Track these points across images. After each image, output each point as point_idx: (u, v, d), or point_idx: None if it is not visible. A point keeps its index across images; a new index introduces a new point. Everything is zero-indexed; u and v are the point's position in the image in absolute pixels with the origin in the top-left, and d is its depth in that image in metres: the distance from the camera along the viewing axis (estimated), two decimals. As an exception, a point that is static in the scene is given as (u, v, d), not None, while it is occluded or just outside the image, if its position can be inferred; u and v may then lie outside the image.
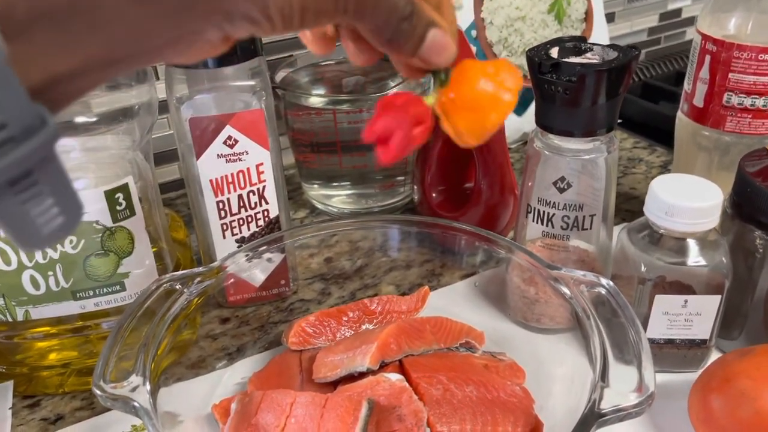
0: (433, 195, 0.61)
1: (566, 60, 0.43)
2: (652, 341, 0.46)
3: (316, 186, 0.71)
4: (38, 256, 0.42)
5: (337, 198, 0.70)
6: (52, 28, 0.18)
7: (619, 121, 0.84)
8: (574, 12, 0.77)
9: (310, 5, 0.23)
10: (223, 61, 0.46)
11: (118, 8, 0.19)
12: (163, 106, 0.50)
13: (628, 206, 0.68)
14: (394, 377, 0.38)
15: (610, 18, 0.95)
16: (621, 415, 0.34)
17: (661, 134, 0.79)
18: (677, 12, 1.04)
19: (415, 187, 0.64)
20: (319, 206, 0.71)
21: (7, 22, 0.17)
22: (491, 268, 0.54)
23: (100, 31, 0.19)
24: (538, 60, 0.43)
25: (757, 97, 0.51)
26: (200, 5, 0.20)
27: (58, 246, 0.42)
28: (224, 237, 0.52)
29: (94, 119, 0.45)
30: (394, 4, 0.25)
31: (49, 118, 0.18)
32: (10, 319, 0.44)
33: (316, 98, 0.65)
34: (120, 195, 0.43)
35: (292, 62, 0.70)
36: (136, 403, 0.35)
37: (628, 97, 0.88)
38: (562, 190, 0.46)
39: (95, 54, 0.19)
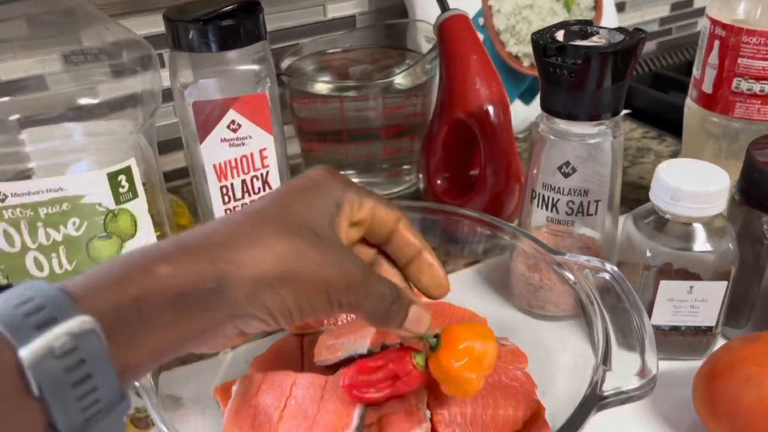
0: (438, 182, 0.61)
1: (571, 43, 0.42)
2: (657, 328, 0.45)
3: (321, 174, 0.70)
4: (42, 238, 0.42)
5: (343, 186, 0.70)
6: (128, 332, 0.25)
7: (628, 111, 0.84)
8: (583, 0, 0.76)
9: (305, 307, 0.28)
10: (227, 44, 0.46)
11: (167, 325, 0.26)
12: (168, 94, 0.50)
13: (636, 195, 0.67)
14: (395, 360, 0.38)
15: (620, 7, 0.95)
16: (623, 398, 0.34)
17: (670, 124, 0.78)
18: (689, 2, 1.03)
19: (420, 175, 0.64)
20: (325, 194, 0.71)
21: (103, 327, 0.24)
22: (495, 256, 0.53)
23: (156, 336, 0.25)
24: (543, 43, 0.42)
25: (766, 82, 0.50)
26: (221, 311, 0.27)
27: (62, 228, 0.42)
28: (228, 222, 0.52)
29: (99, 104, 0.45)
30: (382, 293, 0.31)
31: (127, 395, 0.24)
32: (14, 301, 0.44)
33: (322, 85, 0.65)
34: (123, 177, 0.43)
35: (297, 50, 0.70)
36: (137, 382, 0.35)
37: (638, 87, 0.88)
38: (566, 175, 0.45)
39: (151, 350, 0.25)
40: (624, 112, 0.84)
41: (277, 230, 0.28)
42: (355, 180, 0.69)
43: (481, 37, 0.72)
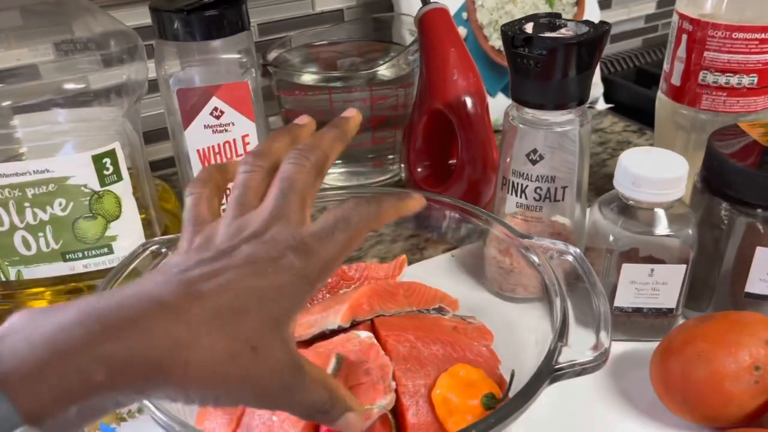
0: (418, 170, 0.63)
1: (538, 34, 0.44)
2: (620, 310, 0.47)
3: (308, 164, 0.72)
4: (29, 217, 0.44)
5: (331, 175, 0.72)
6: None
7: (611, 105, 0.86)
8: (565, -4, 0.78)
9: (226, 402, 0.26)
10: (210, 34, 0.48)
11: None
12: (155, 84, 0.52)
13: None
14: (364, 334, 0.40)
15: (606, 4, 0.96)
16: (576, 369, 0.35)
17: (652, 118, 0.79)
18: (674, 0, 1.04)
19: (402, 165, 0.66)
20: (311, 183, 0.72)
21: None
22: (472, 242, 0.55)
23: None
24: (511, 34, 0.44)
25: (731, 75, 0.52)
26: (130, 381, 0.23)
27: (48, 208, 0.44)
28: (212, 206, 0.54)
29: (87, 91, 0.47)
30: (312, 402, 0.28)
31: None
32: (3, 278, 0.46)
33: (308, 76, 0.66)
34: (107, 160, 0.45)
35: (284, 42, 0.71)
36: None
37: (621, 82, 0.89)
38: (534, 162, 0.47)
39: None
40: (606, 106, 0.87)
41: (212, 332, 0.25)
42: (341, 169, 0.71)
43: (464, 31, 0.74)
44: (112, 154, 0.45)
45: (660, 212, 0.45)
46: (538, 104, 0.46)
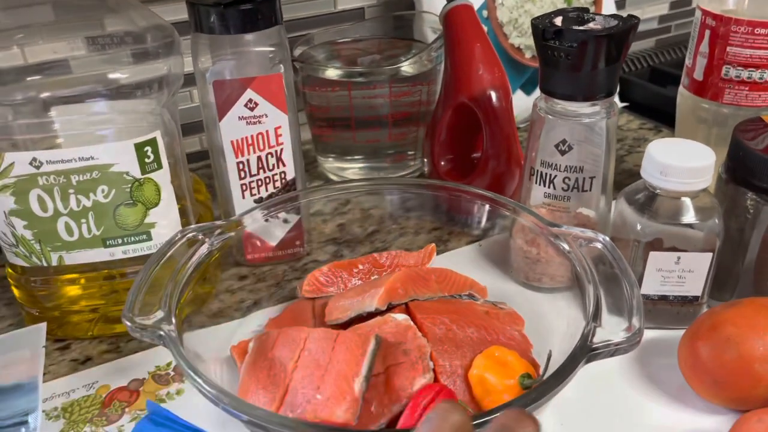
0: (442, 163, 0.64)
1: (568, 27, 0.45)
2: (646, 297, 0.48)
3: (331, 159, 0.73)
4: (73, 203, 0.45)
5: (351, 170, 0.73)
6: None
7: (627, 104, 0.87)
8: (583, -5, 0.79)
9: None
10: (245, 27, 0.49)
11: None
12: (188, 79, 0.53)
13: (632, 182, 0.70)
14: (401, 317, 0.41)
15: (621, 5, 0.97)
16: (611, 349, 0.36)
17: (667, 116, 0.80)
18: (687, 1, 1.06)
19: (425, 159, 0.67)
20: (334, 178, 0.74)
21: None
22: (496, 234, 0.56)
23: None
24: (541, 27, 0.45)
25: (753, 70, 0.53)
26: None
27: (91, 195, 0.45)
28: (243, 197, 0.55)
29: (126, 84, 0.48)
30: None
31: None
32: (45, 264, 0.47)
33: (332, 71, 0.68)
34: (148, 148, 0.46)
35: (309, 39, 0.73)
36: (161, 332, 0.38)
37: (637, 81, 0.90)
38: (563, 153, 0.48)
39: None
40: (622, 105, 0.88)
41: None
42: (361, 164, 0.72)
43: (484, 28, 0.75)
44: (153, 142, 0.46)
45: (687, 201, 0.46)
46: (568, 95, 0.47)
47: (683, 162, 0.44)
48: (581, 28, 0.45)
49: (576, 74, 0.45)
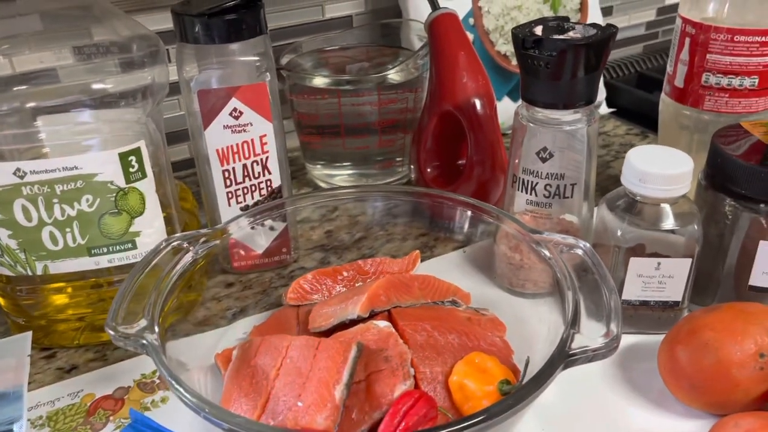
0: (428, 170, 0.64)
1: (548, 36, 0.46)
2: (627, 303, 0.49)
3: (319, 166, 0.74)
4: (57, 213, 0.45)
5: (340, 177, 0.73)
6: None
7: (614, 109, 0.88)
8: (569, 2, 0.80)
9: None
10: (230, 37, 0.50)
11: None
12: (174, 88, 0.54)
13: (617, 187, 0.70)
14: (382, 324, 0.41)
15: (607, 11, 0.98)
16: (589, 355, 0.37)
17: (653, 122, 0.81)
18: (674, 7, 1.06)
19: (412, 166, 0.67)
20: (322, 185, 0.74)
21: None
22: (481, 241, 0.57)
23: None
24: (522, 36, 0.46)
25: (733, 77, 0.54)
26: None
27: (76, 204, 0.45)
28: (229, 205, 0.55)
29: (111, 93, 0.48)
30: None
31: None
32: (29, 273, 0.47)
33: (320, 79, 0.68)
34: (133, 158, 0.46)
35: (296, 47, 0.73)
36: (144, 341, 0.38)
37: (624, 86, 0.91)
38: (544, 160, 0.49)
39: None
40: (609, 110, 0.88)
41: None
42: (350, 171, 0.73)
43: (471, 36, 0.76)
44: (137, 152, 0.46)
45: (666, 208, 0.46)
46: (548, 104, 0.47)
47: (662, 169, 0.45)
48: (561, 37, 0.46)
49: (556, 83, 0.46)
